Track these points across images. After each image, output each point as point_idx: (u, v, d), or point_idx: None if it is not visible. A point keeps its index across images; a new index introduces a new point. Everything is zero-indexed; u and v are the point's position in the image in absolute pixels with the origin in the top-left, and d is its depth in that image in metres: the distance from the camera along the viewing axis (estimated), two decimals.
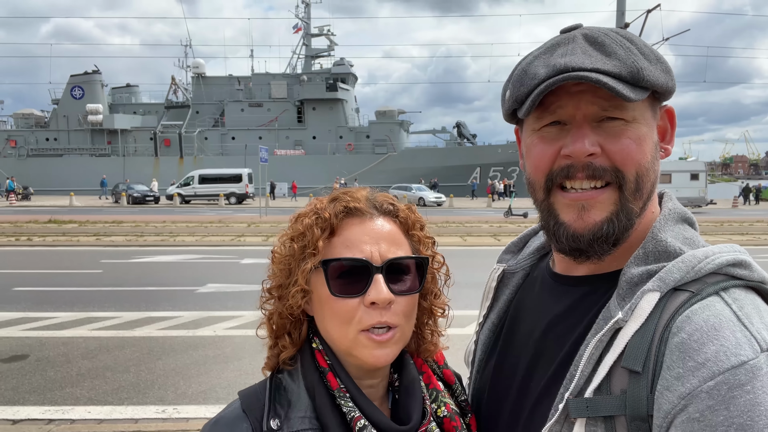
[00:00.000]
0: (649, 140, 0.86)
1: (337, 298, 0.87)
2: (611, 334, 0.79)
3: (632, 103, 0.81)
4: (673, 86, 0.87)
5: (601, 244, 0.86)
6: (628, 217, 0.85)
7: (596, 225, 0.85)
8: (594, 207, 0.85)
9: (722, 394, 0.68)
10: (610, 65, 0.81)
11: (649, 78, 0.82)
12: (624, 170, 0.84)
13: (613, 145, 0.84)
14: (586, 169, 0.84)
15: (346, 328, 0.87)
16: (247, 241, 16.91)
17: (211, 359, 6.36)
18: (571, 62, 0.82)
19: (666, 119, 0.91)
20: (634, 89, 0.81)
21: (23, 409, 4.98)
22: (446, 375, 1.04)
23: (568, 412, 0.78)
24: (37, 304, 8.93)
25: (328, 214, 0.90)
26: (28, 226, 20.74)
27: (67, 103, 56.23)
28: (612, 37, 0.85)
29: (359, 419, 0.85)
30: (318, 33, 59.43)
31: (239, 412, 0.88)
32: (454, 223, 22.87)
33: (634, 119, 0.84)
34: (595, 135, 0.84)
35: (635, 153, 0.84)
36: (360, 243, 0.88)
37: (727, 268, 0.79)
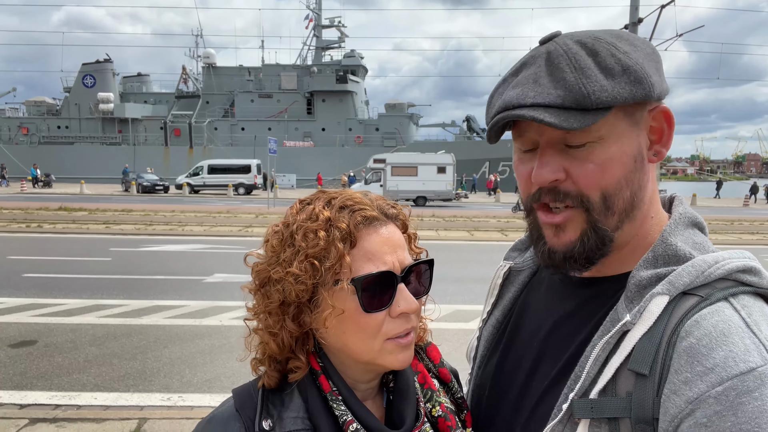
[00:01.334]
0: (621, 157, 0.82)
1: (369, 314, 0.84)
2: (618, 336, 0.78)
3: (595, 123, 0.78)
4: (645, 94, 0.80)
5: (573, 263, 0.87)
6: (599, 235, 0.84)
7: (571, 243, 0.86)
8: (567, 227, 0.86)
9: (730, 400, 0.67)
10: (554, 95, 0.79)
11: (601, 99, 0.77)
12: (588, 194, 0.83)
13: (577, 169, 0.82)
14: (552, 193, 0.85)
15: (373, 340, 0.85)
16: (255, 232, 16.96)
17: (217, 348, 6.40)
18: (513, 99, 0.82)
19: (662, 120, 0.86)
20: (582, 115, 0.78)
21: (30, 393, 5.04)
22: (442, 373, 1.03)
23: (572, 412, 0.78)
24: (46, 291, 9.02)
25: (345, 225, 0.85)
26: (38, 213, 20.92)
27: (78, 92, 56.56)
28: (570, 56, 0.80)
29: (351, 423, 0.84)
30: (329, 24, 59.32)
31: (232, 411, 0.87)
32: (462, 218, 22.83)
33: (601, 138, 0.81)
34: (561, 159, 0.83)
35: (598, 178, 0.82)
36: (381, 254, 0.86)
37: (737, 274, 0.78)
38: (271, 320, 0.87)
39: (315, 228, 0.85)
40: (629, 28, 14.59)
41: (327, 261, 0.83)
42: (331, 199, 0.90)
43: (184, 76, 59.85)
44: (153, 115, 57.09)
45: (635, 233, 0.88)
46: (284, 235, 0.88)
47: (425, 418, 0.93)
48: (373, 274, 0.84)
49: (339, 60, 58.03)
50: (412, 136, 56.51)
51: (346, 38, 60.04)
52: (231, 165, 40.32)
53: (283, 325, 0.87)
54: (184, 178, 39.94)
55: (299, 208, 0.90)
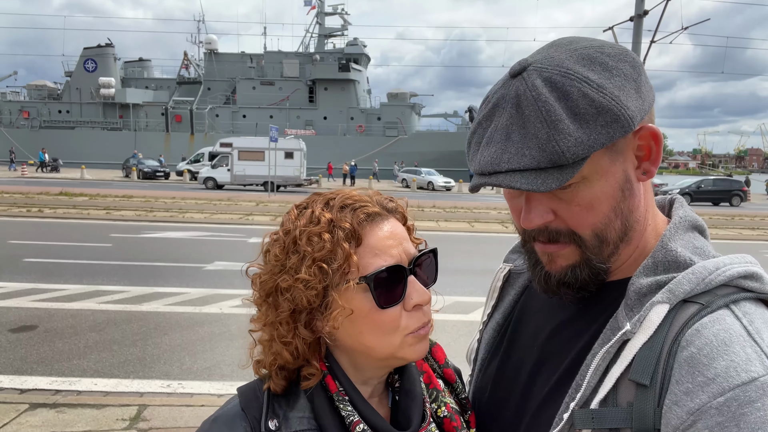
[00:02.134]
0: (606, 192, 0.80)
1: (384, 310, 0.84)
2: (618, 346, 0.78)
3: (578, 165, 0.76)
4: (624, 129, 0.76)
5: (566, 289, 0.87)
6: (591, 267, 0.85)
7: (563, 269, 0.86)
8: (559, 257, 0.86)
9: (732, 411, 0.66)
10: (527, 158, 0.75)
11: (578, 152, 0.74)
12: (579, 232, 0.83)
13: (564, 211, 0.82)
14: (543, 233, 0.85)
15: (391, 336, 0.85)
16: (255, 220, 16.97)
17: (217, 336, 6.42)
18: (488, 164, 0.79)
19: (649, 138, 0.83)
20: (559, 171, 0.75)
21: (31, 379, 5.06)
22: (447, 374, 1.02)
23: (573, 422, 0.78)
24: (47, 276, 9.04)
25: (348, 224, 0.84)
26: (39, 198, 20.92)
27: (79, 76, 56.34)
28: (541, 105, 0.75)
29: (358, 423, 0.84)
30: (332, 12, 58.94)
31: (238, 410, 0.87)
32: (462, 209, 22.83)
33: (585, 179, 0.79)
34: (548, 202, 0.83)
35: (587, 217, 0.82)
36: (387, 248, 0.85)
37: (738, 280, 0.77)
38: (283, 329, 0.86)
39: (318, 231, 0.83)
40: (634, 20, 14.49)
41: (335, 263, 0.82)
42: (329, 200, 0.89)
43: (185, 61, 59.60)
44: (154, 100, 56.89)
45: (631, 249, 0.87)
46: (286, 242, 0.86)
47: (431, 418, 0.93)
48: (383, 268, 0.84)
49: (342, 48, 57.73)
50: (414, 126, 56.34)
51: (349, 26, 59.70)
52: None
53: (296, 333, 0.85)
54: (185, 164, 39.88)
55: (297, 213, 0.89)
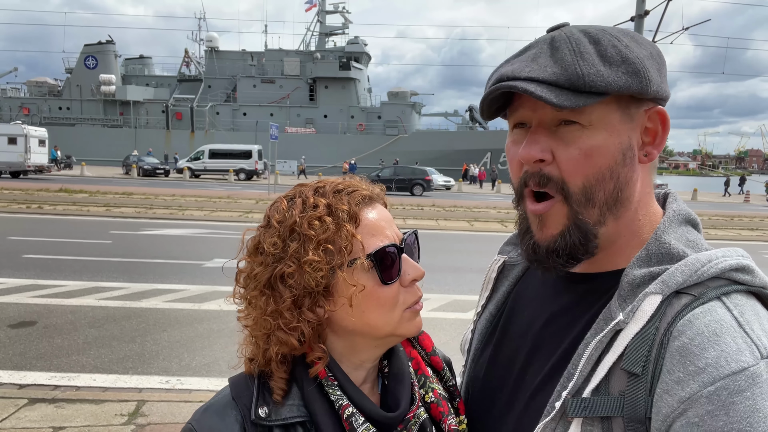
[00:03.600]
0: (607, 148, 0.82)
1: (386, 285, 0.88)
2: (611, 335, 0.79)
3: (588, 106, 0.80)
4: (640, 87, 0.81)
5: (556, 258, 0.87)
6: (581, 230, 0.85)
7: (552, 238, 0.86)
8: (548, 220, 0.87)
9: (722, 400, 0.68)
10: (549, 72, 0.80)
11: (594, 82, 0.78)
12: (569, 181, 0.83)
13: (563, 153, 0.83)
14: (535, 176, 0.85)
15: (392, 312, 0.89)
16: (255, 218, 16.96)
17: (216, 333, 6.44)
18: (509, 72, 0.83)
19: (657, 121, 0.86)
20: (574, 95, 0.78)
21: (30, 374, 5.07)
22: (434, 361, 1.04)
23: (564, 410, 0.78)
24: (46, 272, 9.05)
25: (347, 206, 0.88)
26: (39, 195, 20.92)
27: (80, 73, 56.28)
28: (573, 41, 0.82)
29: (347, 407, 0.86)
30: (333, 10, 58.88)
31: (228, 399, 0.88)
32: (462, 208, 22.83)
33: (591, 123, 0.81)
34: (550, 139, 0.83)
35: (582, 164, 0.82)
36: (382, 228, 0.90)
37: (730, 273, 0.78)
38: (288, 316, 0.86)
39: (319, 215, 0.86)
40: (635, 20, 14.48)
41: (339, 243, 0.85)
42: (318, 188, 0.92)
43: (186, 59, 59.51)
44: (155, 98, 56.84)
45: (622, 232, 0.87)
46: (281, 231, 0.87)
47: (419, 402, 0.95)
48: (385, 246, 0.88)
49: (342, 46, 57.67)
50: (414, 124, 56.30)
51: (350, 24, 59.63)
52: (232, 150, 40.29)
53: (301, 318, 0.86)
54: (185, 162, 39.91)
55: (288, 203, 0.90)
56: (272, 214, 0.91)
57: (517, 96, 0.86)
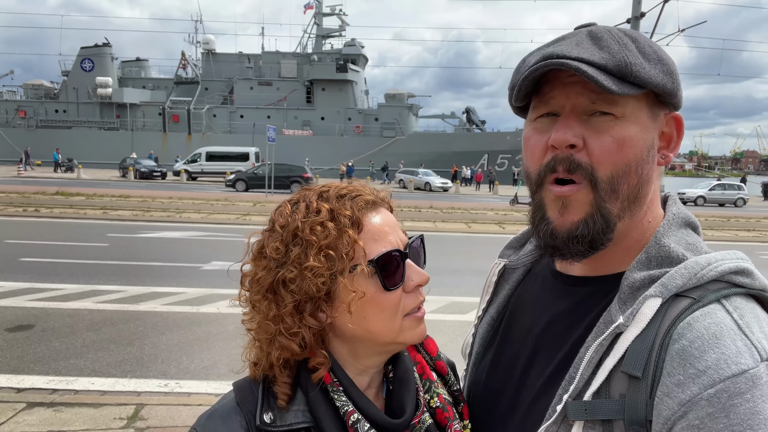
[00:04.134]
0: (637, 141, 0.83)
1: (388, 292, 0.87)
2: (612, 338, 0.79)
3: (624, 98, 0.81)
4: (672, 88, 0.85)
5: (576, 245, 0.86)
6: (604, 218, 0.85)
7: (573, 224, 0.85)
8: (571, 205, 0.86)
9: (722, 402, 0.68)
10: (597, 56, 0.81)
11: (639, 73, 0.80)
12: (598, 169, 0.83)
13: (594, 140, 0.83)
14: (565, 162, 0.85)
15: (393, 318, 0.88)
16: (253, 221, 16.94)
17: (214, 336, 6.43)
18: (558, 51, 0.83)
19: (673, 126, 0.89)
20: (619, 83, 0.80)
21: (28, 378, 5.06)
22: (439, 366, 1.04)
23: (566, 413, 0.79)
24: (44, 275, 9.02)
25: (349, 211, 0.87)
26: (35, 198, 20.85)
27: (76, 75, 56.13)
28: (614, 34, 0.85)
29: (353, 413, 0.85)
30: (330, 12, 58.89)
31: (233, 405, 0.88)
32: (460, 210, 22.84)
33: (624, 116, 0.83)
34: (582, 128, 0.84)
35: (613, 153, 0.83)
36: (385, 234, 0.89)
37: (730, 276, 0.79)
38: (289, 321, 0.86)
39: (321, 220, 0.85)
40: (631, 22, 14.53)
41: (341, 249, 0.85)
42: (323, 193, 0.91)
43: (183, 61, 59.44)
44: (151, 100, 56.70)
45: (632, 230, 0.88)
46: (284, 236, 0.87)
47: (424, 407, 0.95)
48: (387, 252, 0.87)
49: (339, 49, 57.65)
50: (411, 126, 56.32)
51: (347, 27, 59.65)
52: (229, 152, 40.22)
53: (302, 323, 0.86)
54: (182, 164, 39.85)
55: (291, 208, 0.90)
56: (276, 218, 0.91)
57: (548, 83, 0.85)
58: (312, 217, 0.86)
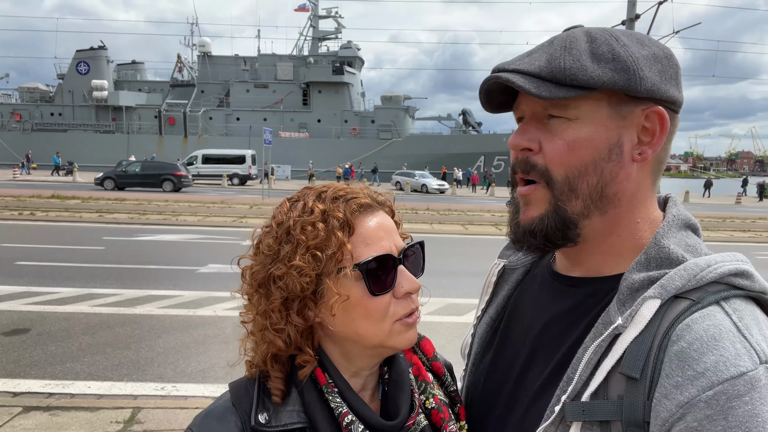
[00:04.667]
0: (592, 142, 0.84)
1: (375, 297, 0.87)
2: (610, 340, 0.79)
3: (576, 101, 0.83)
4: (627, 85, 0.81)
5: (531, 238, 0.90)
6: (560, 216, 0.87)
7: (531, 220, 0.90)
8: (531, 203, 0.90)
9: (721, 405, 0.68)
10: (533, 66, 0.84)
11: (576, 76, 0.81)
12: (552, 170, 0.86)
13: (547, 144, 0.87)
14: (522, 164, 0.90)
15: (381, 323, 0.88)
16: (249, 223, 16.93)
17: (211, 339, 6.41)
18: (500, 65, 0.89)
19: (655, 121, 0.85)
20: (555, 87, 0.82)
21: (24, 382, 5.04)
22: (436, 367, 1.04)
23: (564, 414, 0.79)
24: (39, 279, 8.99)
25: (341, 214, 0.87)
26: (31, 201, 20.78)
27: (72, 79, 56.01)
28: (570, 38, 0.86)
29: (347, 414, 0.86)
30: (326, 15, 58.94)
31: (229, 405, 0.88)
32: (456, 211, 22.86)
33: (578, 117, 0.84)
34: (539, 132, 0.88)
35: (564, 155, 0.85)
36: (378, 239, 0.89)
37: (729, 278, 0.79)
38: (276, 317, 0.88)
39: (312, 221, 0.86)
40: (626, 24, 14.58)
41: (329, 250, 0.85)
42: (321, 193, 0.92)
43: (179, 64, 59.39)
44: (147, 103, 56.62)
45: (615, 231, 0.88)
46: (278, 233, 0.89)
47: (419, 409, 0.95)
48: (376, 257, 0.87)
49: (335, 51, 57.67)
50: (408, 128, 56.37)
51: (343, 29, 59.70)
52: (225, 155, 40.17)
53: (288, 320, 0.87)
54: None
55: (289, 205, 0.92)
56: (275, 214, 0.92)
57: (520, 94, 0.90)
58: (305, 216, 0.87)
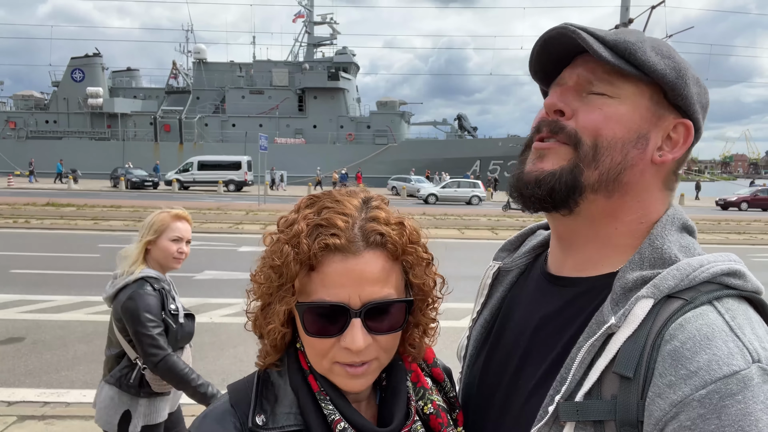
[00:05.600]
0: (626, 122, 0.86)
1: (310, 337, 0.85)
2: (603, 339, 0.79)
3: (622, 82, 0.85)
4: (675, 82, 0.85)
5: (537, 188, 0.88)
6: (574, 176, 0.87)
7: (543, 172, 0.88)
8: (547, 156, 0.89)
9: (714, 403, 0.68)
10: (602, 32, 0.86)
11: (636, 54, 0.84)
12: (582, 135, 0.87)
13: (584, 113, 0.87)
14: (551, 124, 0.90)
15: (321, 360, 0.87)
16: (245, 229, 16.91)
17: (208, 346, 6.38)
18: (567, 23, 0.88)
19: (681, 133, 0.89)
20: (614, 56, 0.84)
21: (19, 391, 5.01)
22: (435, 373, 1.04)
23: (557, 414, 0.79)
24: (34, 287, 8.95)
25: (306, 247, 0.82)
26: (26, 209, 20.70)
27: (67, 86, 55.95)
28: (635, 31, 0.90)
29: (339, 422, 0.86)
30: (321, 21, 59.09)
31: (227, 406, 0.89)
32: (452, 216, 22.88)
33: (619, 97, 0.86)
34: (577, 101, 0.89)
35: (599, 123, 0.86)
36: (338, 285, 0.82)
37: (722, 278, 0.79)
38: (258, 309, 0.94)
39: (285, 240, 0.85)
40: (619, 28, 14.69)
41: (279, 277, 0.85)
42: (322, 210, 0.86)
43: (174, 71, 59.39)
44: (143, 110, 56.58)
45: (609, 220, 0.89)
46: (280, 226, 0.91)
47: (416, 416, 0.94)
48: (317, 303, 0.83)
49: (331, 57, 57.83)
50: (403, 134, 56.50)
51: (338, 35, 59.84)
52: (221, 161, 40.16)
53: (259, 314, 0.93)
54: (174, 174, 39.73)
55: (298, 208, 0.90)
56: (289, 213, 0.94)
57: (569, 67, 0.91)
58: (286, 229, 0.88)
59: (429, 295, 0.95)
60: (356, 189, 0.93)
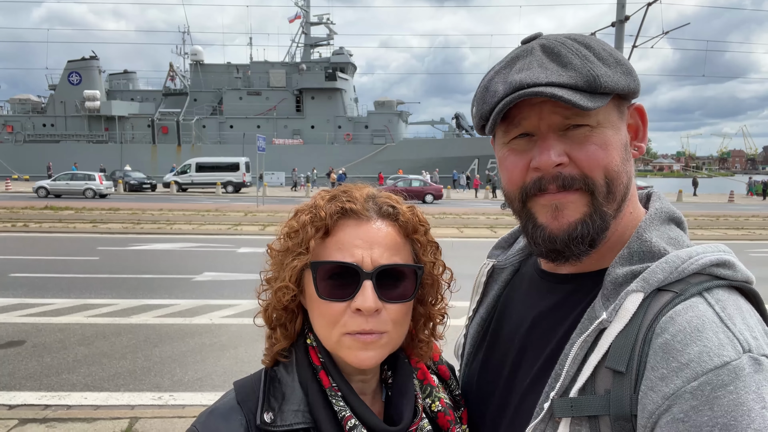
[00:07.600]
0: (615, 143, 0.86)
1: (324, 301, 0.87)
2: (596, 335, 0.79)
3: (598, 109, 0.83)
4: (635, 87, 0.87)
5: (577, 245, 0.86)
6: (602, 218, 0.86)
7: (571, 225, 0.85)
8: (567, 207, 0.85)
9: (706, 395, 0.68)
10: (566, 77, 0.82)
11: (607, 84, 0.82)
12: (593, 176, 0.84)
13: (579, 152, 0.84)
14: (556, 180, 0.85)
15: (331, 330, 0.87)
16: (244, 230, 16.90)
17: (208, 347, 6.38)
18: (526, 78, 0.83)
19: (637, 117, 0.92)
20: (592, 97, 0.81)
21: (20, 394, 5.00)
22: (441, 371, 1.05)
23: (552, 411, 0.79)
24: (34, 291, 8.94)
25: (324, 213, 0.88)
26: (24, 212, 20.68)
27: (64, 89, 55.87)
28: (569, 46, 0.85)
29: (350, 419, 0.86)
30: (317, 21, 59.07)
31: (234, 403, 0.88)
32: (451, 215, 22.89)
33: (599, 124, 0.85)
34: (562, 144, 0.85)
35: (602, 157, 0.84)
36: (352, 246, 0.86)
37: (711, 269, 0.79)
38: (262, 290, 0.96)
39: (303, 210, 0.92)
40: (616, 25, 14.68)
41: (295, 239, 0.89)
42: (342, 192, 0.93)
43: (171, 73, 59.34)
44: (140, 112, 56.55)
45: (616, 226, 0.89)
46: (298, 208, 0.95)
47: (423, 414, 0.95)
48: (330, 261, 0.86)
49: (328, 57, 57.82)
50: (401, 133, 56.50)
51: (335, 35, 59.83)
52: (219, 163, 40.13)
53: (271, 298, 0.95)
54: (172, 176, 39.69)
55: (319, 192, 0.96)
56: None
57: (517, 108, 0.85)
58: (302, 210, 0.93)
59: (437, 281, 0.97)
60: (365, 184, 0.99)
